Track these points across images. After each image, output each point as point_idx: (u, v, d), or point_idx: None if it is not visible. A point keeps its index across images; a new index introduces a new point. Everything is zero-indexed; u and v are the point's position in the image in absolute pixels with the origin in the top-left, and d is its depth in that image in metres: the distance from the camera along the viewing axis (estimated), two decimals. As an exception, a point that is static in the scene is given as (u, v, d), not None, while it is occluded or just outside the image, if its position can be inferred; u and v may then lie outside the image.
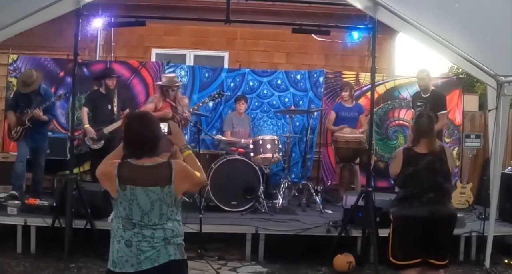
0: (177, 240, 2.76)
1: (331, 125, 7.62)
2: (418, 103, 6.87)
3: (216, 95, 6.55)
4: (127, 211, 2.72)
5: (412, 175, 3.90)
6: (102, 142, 6.61)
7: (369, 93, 6.39)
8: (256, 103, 8.12)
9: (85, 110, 6.73)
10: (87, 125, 6.64)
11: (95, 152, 6.64)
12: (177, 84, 6.63)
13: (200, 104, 6.74)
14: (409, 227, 3.87)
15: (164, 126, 3.00)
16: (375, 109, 7.30)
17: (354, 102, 7.64)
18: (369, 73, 5.81)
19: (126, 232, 2.71)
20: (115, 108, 6.74)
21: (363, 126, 7.40)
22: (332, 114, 7.65)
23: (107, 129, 6.57)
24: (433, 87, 6.97)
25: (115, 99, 6.75)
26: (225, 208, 6.41)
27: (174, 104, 6.39)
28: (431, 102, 6.66)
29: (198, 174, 2.85)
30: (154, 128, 2.82)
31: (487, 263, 5.45)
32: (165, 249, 2.71)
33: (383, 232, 5.46)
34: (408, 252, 3.87)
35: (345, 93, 7.56)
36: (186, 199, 6.47)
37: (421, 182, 3.88)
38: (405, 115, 8.27)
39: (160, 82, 6.61)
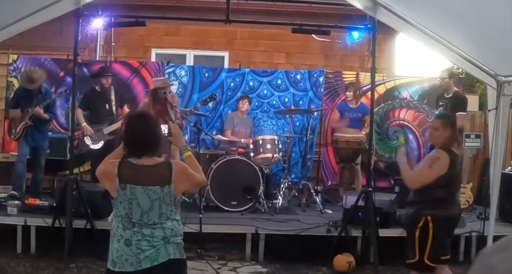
0: (176, 239, 2.77)
1: (335, 124, 7.54)
2: (440, 103, 6.96)
3: (208, 100, 6.49)
4: (127, 210, 2.73)
5: (456, 175, 3.95)
6: (102, 142, 6.61)
7: (369, 93, 6.39)
8: (256, 103, 8.12)
9: (79, 111, 6.73)
10: (84, 124, 6.65)
11: (95, 152, 6.64)
12: (172, 85, 6.58)
13: (193, 109, 6.60)
14: (451, 227, 3.94)
15: (164, 128, 3.00)
16: (375, 110, 7.30)
17: (359, 102, 7.54)
18: (369, 73, 5.82)
19: (126, 231, 2.72)
20: (113, 108, 6.74)
21: (366, 127, 7.33)
22: (336, 114, 7.60)
23: (107, 130, 6.57)
24: (456, 89, 7.00)
25: (112, 98, 6.75)
26: (225, 208, 6.41)
27: (170, 109, 6.28)
28: (452, 102, 6.71)
29: (197, 174, 2.86)
30: (155, 128, 2.83)
31: (487, 263, 5.44)
32: (165, 248, 2.71)
33: (383, 232, 5.50)
34: (444, 252, 3.92)
35: (349, 93, 7.49)
36: (186, 199, 6.47)
37: (459, 182, 4.03)
38: (405, 115, 8.28)
39: (153, 87, 6.38)
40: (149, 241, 2.70)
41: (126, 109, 6.93)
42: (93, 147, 6.65)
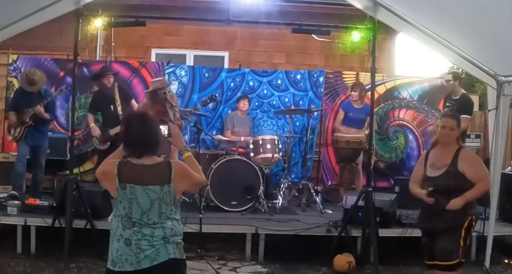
0: (176, 239, 2.77)
1: (340, 125, 7.48)
2: (447, 104, 6.96)
3: (208, 100, 6.47)
4: (127, 210, 2.73)
5: None
6: (108, 143, 6.61)
7: (369, 93, 6.39)
8: (256, 103, 8.12)
9: (90, 115, 6.83)
10: (92, 125, 6.68)
11: (101, 153, 6.65)
12: (170, 85, 6.59)
13: (193, 110, 6.58)
14: None
15: (164, 129, 3.01)
16: (375, 110, 7.29)
17: (365, 103, 7.40)
18: (369, 73, 5.81)
19: (126, 230, 2.72)
20: (118, 108, 6.72)
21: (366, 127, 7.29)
22: (341, 113, 7.53)
23: (113, 131, 6.56)
24: (464, 91, 6.99)
25: (117, 97, 6.74)
26: (225, 208, 6.41)
27: (170, 109, 6.27)
28: (459, 105, 6.71)
29: (197, 174, 2.86)
30: (153, 127, 2.84)
31: (487, 263, 5.45)
32: (165, 248, 2.71)
33: (383, 232, 5.50)
34: None
35: (354, 94, 7.39)
36: (186, 199, 6.47)
37: None
38: (405, 116, 8.28)
39: (152, 89, 6.34)
40: (149, 240, 2.70)
41: (134, 103, 6.91)
42: (100, 148, 6.67)
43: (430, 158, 3.98)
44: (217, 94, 6.81)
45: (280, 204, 6.62)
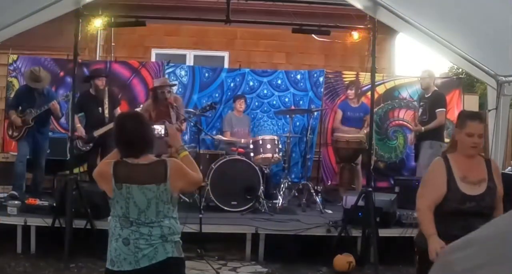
0: (174, 237, 2.77)
1: (340, 125, 7.51)
2: (421, 103, 6.98)
3: (208, 108, 6.48)
4: (124, 210, 2.74)
5: None
6: (91, 144, 6.57)
7: (369, 93, 6.39)
8: (256, 103, 8.11)
9: (76, 117, 6.69)
10: (78, 125, 6.58)
11: (87, 154, 6.63)
12: (171, 84, 6.58)
13: (191, 115, 6.60)
14: None
15: (161, 128, 3.01)
16: (375, 110, 7.29)
17: (361, 102, 7.52)
18: (369, 73, 5.82)
19: (124, 230, 2.73)
20: (105, 111, 6.67)
21: (366, 127, 7.31)
22: (339, 113, 7.57)
23: (97, 132, 6.52)
24: (436, 88, 7.02)
25: (106, 101, 6.67)
26: (225, 208, 6.41)
27: (172, 109, 6.27)
28: (431, 101, 6.75)
29: (194, 173, 2.86)
30: (146, 127, 2.85)
31: (487, 263, 5.45)
32: (163, 247, 2.72)
33: (383, 232, 5.50)
34: None
35: (350, 92, 7.48)
36: (186, 199, 6.46)
37: None
38: (405, 115, 8.28)
39: (156, 84, 6.43)
40: (147, 239, 2.70)
41: (118, 110, 6.83)
42: (83, 148, 6.62)
43: (456, 170, 3.08)
44: (217, 102, 6.79)
45: (280, 204, 6.62)
